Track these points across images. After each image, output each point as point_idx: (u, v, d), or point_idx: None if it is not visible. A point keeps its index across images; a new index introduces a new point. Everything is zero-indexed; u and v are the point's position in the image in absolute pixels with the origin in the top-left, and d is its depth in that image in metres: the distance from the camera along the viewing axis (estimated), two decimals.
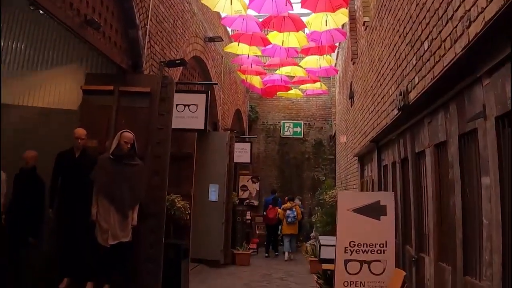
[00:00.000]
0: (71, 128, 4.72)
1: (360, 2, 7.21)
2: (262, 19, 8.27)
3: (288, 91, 11.70)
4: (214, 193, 8.85)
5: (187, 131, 6.77)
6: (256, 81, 11.03)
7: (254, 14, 8.12)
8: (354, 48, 8.14)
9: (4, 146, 4.08)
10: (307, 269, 8.87)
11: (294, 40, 8.70)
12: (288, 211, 10.64)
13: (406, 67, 3.93)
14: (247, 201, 13.40)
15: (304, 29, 8.43)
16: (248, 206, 12.95)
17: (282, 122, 14.82)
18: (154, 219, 4.82)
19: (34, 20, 5.88)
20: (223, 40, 9.52)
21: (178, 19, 6.88)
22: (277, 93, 11.94)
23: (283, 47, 8.88)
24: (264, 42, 8.75)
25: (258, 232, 12.69)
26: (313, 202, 13.05)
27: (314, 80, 10.97)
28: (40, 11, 4.54)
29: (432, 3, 3.07)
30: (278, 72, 10.62)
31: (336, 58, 12.08)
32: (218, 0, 7.17)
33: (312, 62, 9.90)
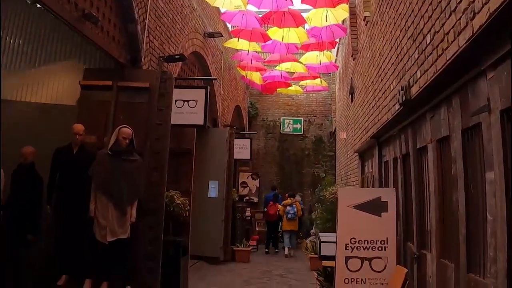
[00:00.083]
0: (69, 124, 4.69)
1: None
2: (262, 15, 8.22)
3: (288, 88, 11.67)
4: (213, 189, 8.82)
5: (186, 126, 6.72)
6: (256, 77, 10.99)
7: (254, 9, 8.08)
8: (354, 44, 8.09)
9: (1, 142, 4.04)
10: (307, 266, 8.85)
11: (294, 36, 8.67)
12: (288, 207, 10.63)
13: (408, 61, 3.88)
14: (247, 197, 13.36)
15: (304, 24, 8.38)
16: (248, 202, 12.92)
17: (282, 118, 14.79)
18: (153, 215, 4.77)
19: (32, 14, 5.82)
20: (222, 36, 9.47)
21: (177, 14, 6.82)
22: (277, 89, 11.92)
23: (283, 43, 8.84)
24: (264, 38, 8.70)
25: (258, 229, 12.69)
26: (313, 198, 13.02)
27: (314, 77, 10.94)
28: (37, 5, 4.48)
29: None
30: (278, 68, 10.58)
31: (336, 54, 12.03)
32: None
33: (312, 58, 9.87)
